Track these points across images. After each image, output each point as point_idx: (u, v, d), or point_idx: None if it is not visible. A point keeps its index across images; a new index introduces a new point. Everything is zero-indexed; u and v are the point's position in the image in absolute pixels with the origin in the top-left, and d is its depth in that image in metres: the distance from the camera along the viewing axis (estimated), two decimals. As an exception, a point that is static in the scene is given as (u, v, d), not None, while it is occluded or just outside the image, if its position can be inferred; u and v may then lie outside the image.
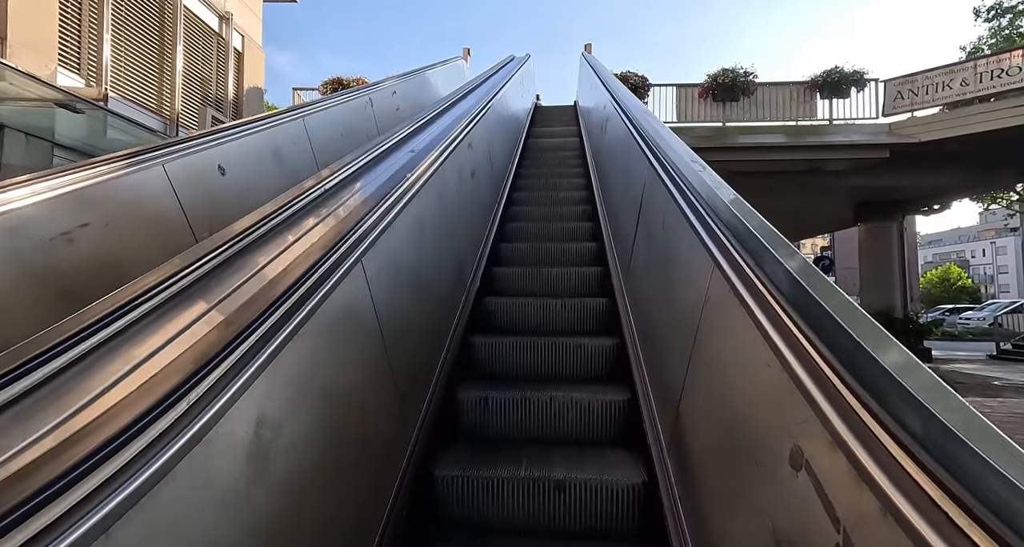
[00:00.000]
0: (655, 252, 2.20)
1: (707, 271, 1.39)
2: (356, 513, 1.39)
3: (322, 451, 1.18)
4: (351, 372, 1.41)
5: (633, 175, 2.81)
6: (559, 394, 2.26)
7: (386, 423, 1.64)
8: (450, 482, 1.88)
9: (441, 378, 2.29)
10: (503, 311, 3.01)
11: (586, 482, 1.84)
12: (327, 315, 1.23)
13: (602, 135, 4.78)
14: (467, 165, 3.22)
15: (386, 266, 1.66)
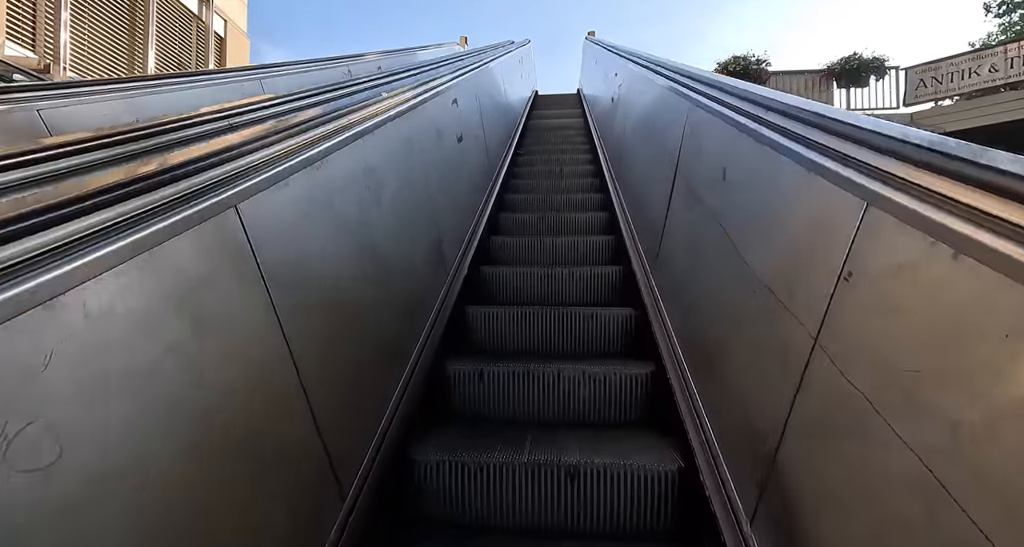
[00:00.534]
0: (705, 218, 1.66)
1: (851, 216, 0.83)
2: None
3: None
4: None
5: (666, 134, 2.30)
6: (568, 367, 1.89)
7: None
8: (434, 470, 1.50)
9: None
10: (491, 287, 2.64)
11: (605, 468, 1.46)
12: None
13: (613, 109, 4.33)
14: (451, 126, 2.76)
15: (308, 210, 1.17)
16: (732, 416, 1.24)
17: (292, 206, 1.08)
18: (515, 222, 3.36)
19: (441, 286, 2.26)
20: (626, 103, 3.75)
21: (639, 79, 3.22)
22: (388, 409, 1.49)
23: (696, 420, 1.47)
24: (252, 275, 0.90)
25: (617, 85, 4.21)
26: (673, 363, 1.76)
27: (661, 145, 2.37)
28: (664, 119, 2.44)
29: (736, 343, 1.27)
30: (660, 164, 2.32)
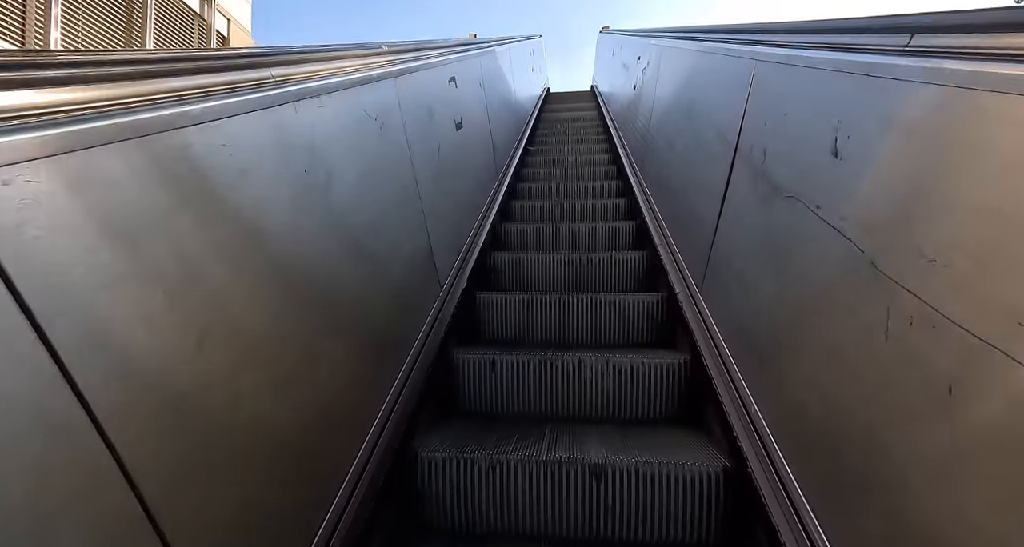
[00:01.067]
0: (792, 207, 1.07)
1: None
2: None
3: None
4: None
5: (717, 105, 1.81)
6: (590, 357, 1.68)
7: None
8: (439, 467, 1.31)
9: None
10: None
11: (637, 468, 1.25)
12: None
13: (636, 97, 3.79)
14: (447, 108, 2.32)
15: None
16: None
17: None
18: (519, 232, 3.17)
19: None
20: (654, 85, 3.16)
21: (673, 53, 2.73)
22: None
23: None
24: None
25: (641, 69, 3.69)
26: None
27: (707, 119, 1.91)
28: (714, 89, 1.92)
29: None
30: (707, 143, 1.82)
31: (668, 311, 1.99)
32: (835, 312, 0.88)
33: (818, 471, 0.92)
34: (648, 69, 3.44)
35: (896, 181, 0.78)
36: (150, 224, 0.61)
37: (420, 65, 2.00)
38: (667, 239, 2.31)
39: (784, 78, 1.28)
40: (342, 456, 1.05)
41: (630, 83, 4.19)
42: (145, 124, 0.63)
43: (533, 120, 5.45)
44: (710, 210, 1.65)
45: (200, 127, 0.72)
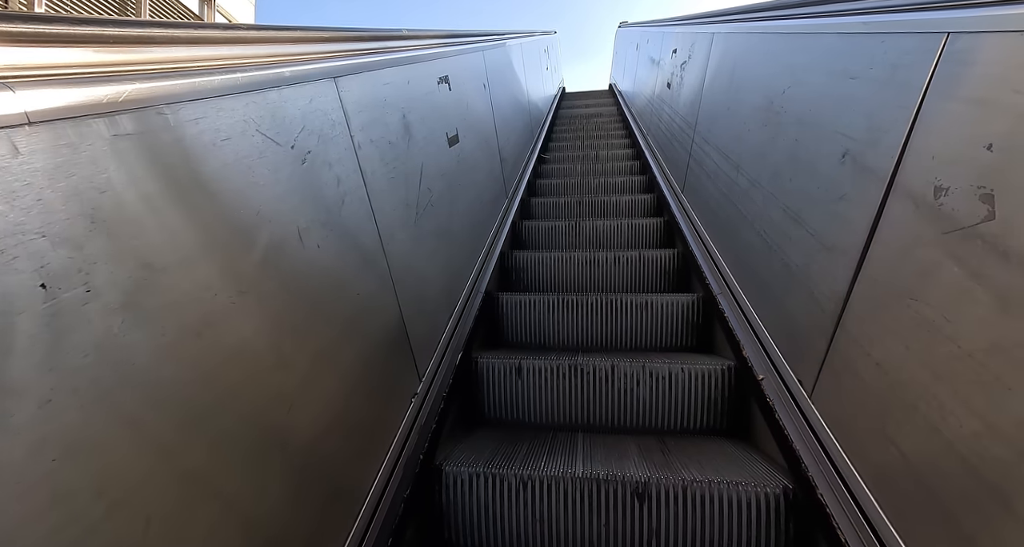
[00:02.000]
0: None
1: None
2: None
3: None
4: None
5: (835, 117, 1.10)
6: (624, 363, 1.56)
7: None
8: (464, 485, 1.20)
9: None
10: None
11: (684, 488, 1.13)
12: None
13: (672, 96, 3.03)
14: (436, 120, 1.70)
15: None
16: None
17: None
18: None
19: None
20: (702, 82, 2.37)
21: (740, 41, 1.94)
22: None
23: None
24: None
25: (679, 64, 2.94)
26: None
27: (818, 131, 1.18)
28: (838, 85, 1.12)
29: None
30: (821, 165, 1.14)
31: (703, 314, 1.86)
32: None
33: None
34: (691, 64, 2.62)
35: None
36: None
37: (387, 60, 1.35)
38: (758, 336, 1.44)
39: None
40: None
41: (663, 81, 3.43)
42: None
43: (548, 122, 5.11)
44: (833, 267, 1.03)
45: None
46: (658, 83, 3.64)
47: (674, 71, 3.06)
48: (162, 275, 0.53)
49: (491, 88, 2.73)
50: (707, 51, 2.33)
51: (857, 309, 0.94)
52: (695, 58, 2.57)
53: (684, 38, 2.88)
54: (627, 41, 6.28)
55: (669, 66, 3.29)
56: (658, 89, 3.62)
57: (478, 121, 2.33)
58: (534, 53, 4.82)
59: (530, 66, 4.44)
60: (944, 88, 0.80)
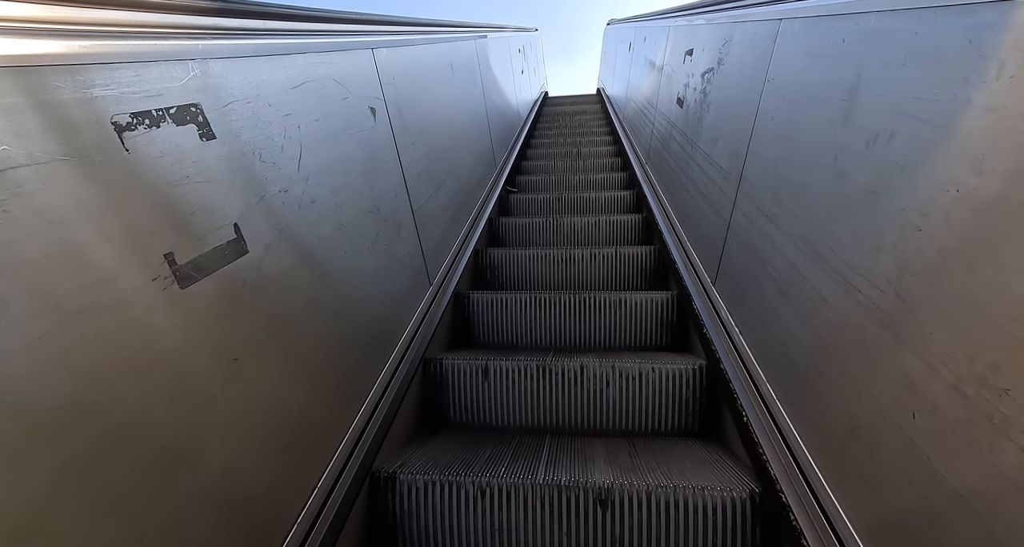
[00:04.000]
0: None
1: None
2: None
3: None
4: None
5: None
6: (594, 363, 1.51)
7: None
8: (419, 493, 1.14)
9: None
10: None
11: (649, 493, 1.08)
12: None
13: (694, 119, 1.94)
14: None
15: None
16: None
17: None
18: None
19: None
20: (744, 104, 1.38)
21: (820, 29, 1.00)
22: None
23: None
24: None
25: (697, 72, 1.95)
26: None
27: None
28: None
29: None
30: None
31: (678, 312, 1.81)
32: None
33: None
34: (726, 73, 1.60)
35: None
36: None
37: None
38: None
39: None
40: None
41: (667, 92, 2.55)
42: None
43: (521, 144, 4.05)
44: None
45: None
46: (661, 95, 2.71)
47: (690, 81, 2.03)
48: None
49: (395, 108, 1.49)
50: (764, 53, 1.26)
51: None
52: (736, 63, 1.50)
53: (711, 34, 1.79)
54: (617, 39, 5.34)
55: (680, 74, 2.26)
56: (662, 104, 2.66)
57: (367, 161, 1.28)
58: (500, 55, 3.75)
59: (492, 70, 3.40)
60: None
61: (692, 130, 1.97)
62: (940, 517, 0.60)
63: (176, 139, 0.65)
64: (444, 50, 2.20)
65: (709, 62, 1.80)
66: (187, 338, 0.64)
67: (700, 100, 1.87)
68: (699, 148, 1.81)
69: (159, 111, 0.63)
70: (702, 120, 1.82)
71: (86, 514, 0.50)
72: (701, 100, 1.85)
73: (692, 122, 1.98)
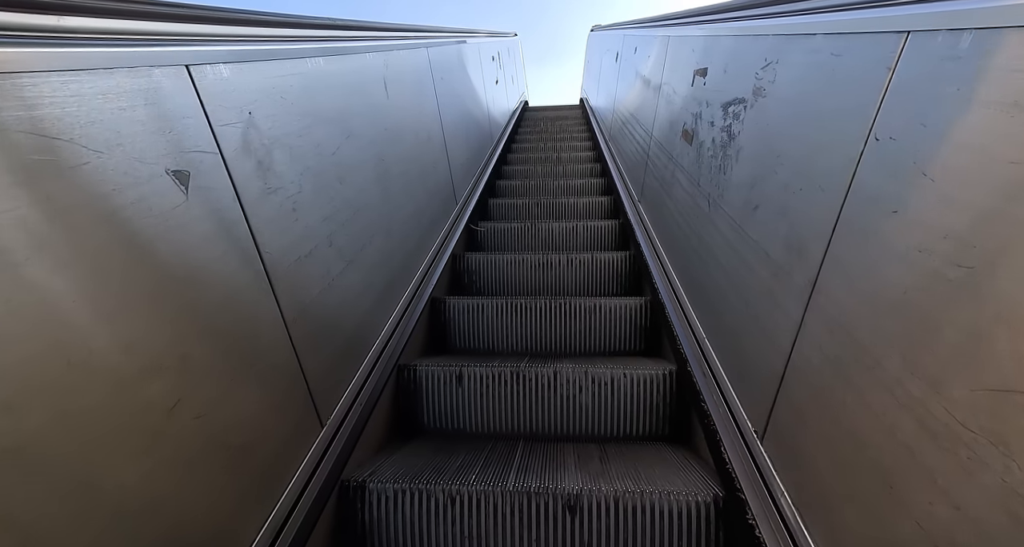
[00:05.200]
0: None
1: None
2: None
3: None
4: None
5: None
6: (567, 369, 1.53)
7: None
8: (388, 501, 1.13)
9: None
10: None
11: (616, 499, 1.09)
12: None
13: (713, 169, 1.38)
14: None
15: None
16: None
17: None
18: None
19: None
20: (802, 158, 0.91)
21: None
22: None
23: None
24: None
25: (720, 104, 1.38)
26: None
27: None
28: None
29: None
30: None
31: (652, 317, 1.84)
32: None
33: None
34: (759, 107, 1.13)
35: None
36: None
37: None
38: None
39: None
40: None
41: (668, 120, 2.00)
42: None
43: (492, 169, 3.52)
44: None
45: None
46: (659, 121, 2.18)
47: (702, 111, 1.52)
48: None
49: (248, 162, 0.89)
50: (863, 90, 0.74)
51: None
52: (791, 99, 0.99)
53: (740, 51, 1.30)
54: (602, 48, 4.81)
55: (688, 99, 1.71)
56: (660, 131, 2.14)
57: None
58: (466, 64, 3.30)
59: (454, 84, 2.83)
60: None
61: (709, 180, 1.40)
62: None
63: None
64: (369, 65, 1.55)
65: (737, 90, 1.25)
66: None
67: (723, 142, 1.32)
68: (722, 210, 1.27)
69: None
70: (727, 171, 1.27)
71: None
72: (725, 142, 1.30)
73: (710, 170, 1.41)
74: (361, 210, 1.36)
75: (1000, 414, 0.48)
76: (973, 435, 0.50)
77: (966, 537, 0.51)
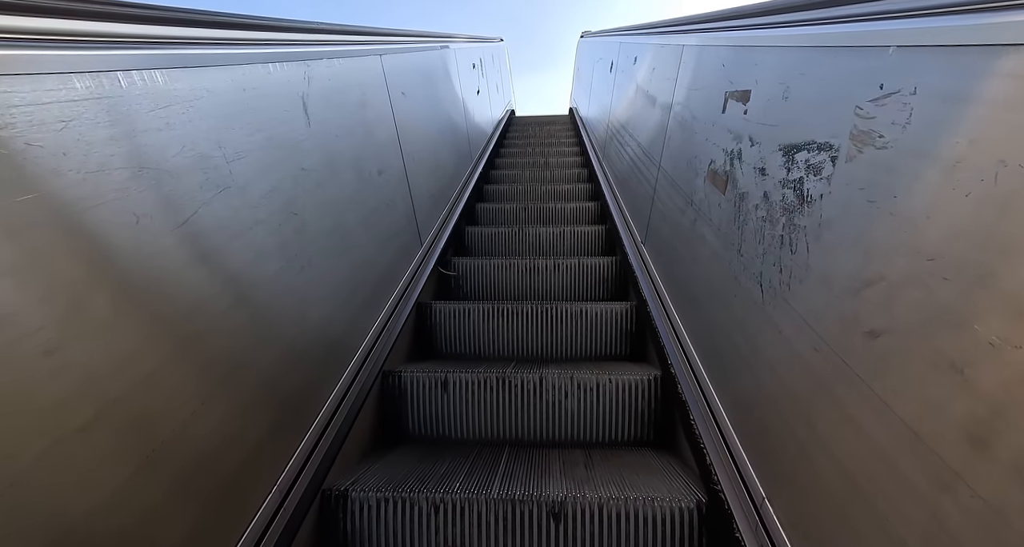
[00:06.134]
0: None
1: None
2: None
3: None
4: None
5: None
6: (553, 375, 1.53)
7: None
8: (371, 510, 1.12)
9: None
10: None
11: (600, 506, 1.09)
12: None
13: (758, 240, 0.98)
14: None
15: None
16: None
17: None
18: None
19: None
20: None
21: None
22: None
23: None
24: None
25: (811, 144, 0.82)
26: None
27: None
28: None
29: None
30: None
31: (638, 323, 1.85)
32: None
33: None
34: (878, 161, 0.66)
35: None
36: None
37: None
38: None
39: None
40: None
41: (688, 153, 1.53)
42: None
43: (471, 191, 3.12)
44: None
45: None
46: (670, 151, 1.75)
47: (742, 149, 1.12)
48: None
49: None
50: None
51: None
52: (928, 140, 0.58)
53: (829, 67, 0.82)
54: (593, 57, 4.40)
55: (717, 131, 1.29)
56: (672, 165, 1.70)
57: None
58: (443, 71, 2.97)
59: (417, 101, 2.32)
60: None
61: (762, 254, 0.96)
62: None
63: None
64: (274, 79, 1.11)
65: (813, 129, 0.83)
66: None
67: (788, 204, 0.88)
68: (791, 309, 0.84)
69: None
70: (797, 248, 0.84)
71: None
72: (792, 205, 0.86)
73: (762, 239, 0.97)
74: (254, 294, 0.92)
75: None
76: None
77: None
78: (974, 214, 0.50)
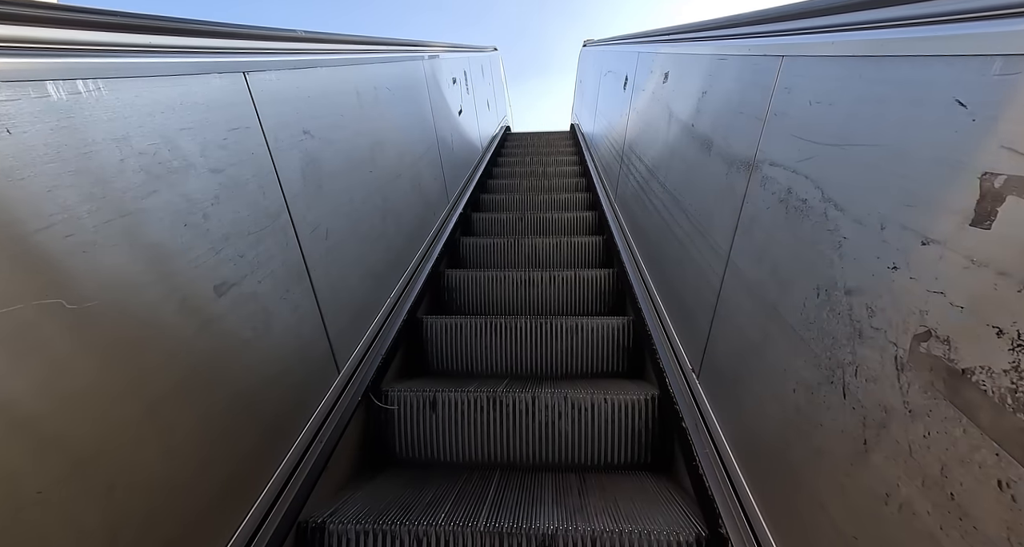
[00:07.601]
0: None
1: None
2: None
3: None
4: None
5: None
6: (546, 394, 1.46)
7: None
8: (349, 545, 1.05)
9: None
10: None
11: (595, 540, 1.03)
12: None
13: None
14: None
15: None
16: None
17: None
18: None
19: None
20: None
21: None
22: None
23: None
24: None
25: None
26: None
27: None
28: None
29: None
30: None
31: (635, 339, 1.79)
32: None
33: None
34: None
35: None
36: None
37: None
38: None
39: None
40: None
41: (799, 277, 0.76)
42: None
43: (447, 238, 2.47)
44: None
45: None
46: (743, 240, 1.00)
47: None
48: None
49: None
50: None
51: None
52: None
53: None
54: (600, 69, 3.69)
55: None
56: (743, 257, 0.99)
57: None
58: (404, 92, 2.14)
59: (375, 129, 1.70)
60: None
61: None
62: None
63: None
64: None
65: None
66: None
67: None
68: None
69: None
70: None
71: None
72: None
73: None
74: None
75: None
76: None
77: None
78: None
